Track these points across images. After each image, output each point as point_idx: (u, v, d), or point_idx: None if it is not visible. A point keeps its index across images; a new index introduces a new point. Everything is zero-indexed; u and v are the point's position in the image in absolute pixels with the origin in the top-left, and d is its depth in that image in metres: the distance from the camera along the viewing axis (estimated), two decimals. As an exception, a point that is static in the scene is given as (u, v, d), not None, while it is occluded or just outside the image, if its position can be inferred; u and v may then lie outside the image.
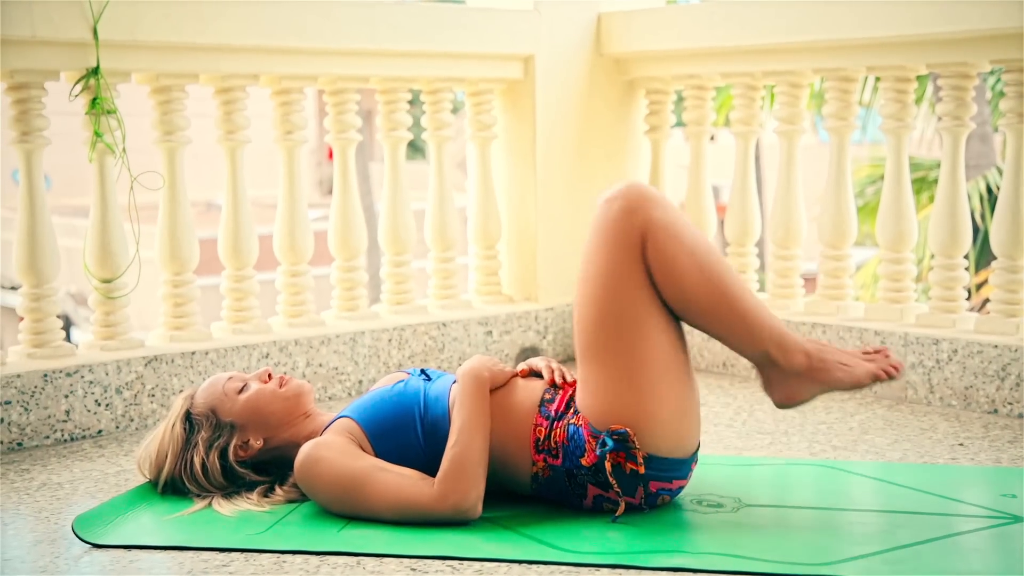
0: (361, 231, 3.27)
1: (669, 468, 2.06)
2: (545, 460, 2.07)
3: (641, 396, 2.02)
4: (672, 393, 2.04)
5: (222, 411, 2.19)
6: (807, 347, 2.06)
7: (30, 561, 1.97)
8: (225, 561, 1.93)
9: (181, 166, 2.99)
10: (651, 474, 2.05)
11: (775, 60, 3.25)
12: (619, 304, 2.03)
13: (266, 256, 3.18)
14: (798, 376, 2.06)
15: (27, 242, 2.77)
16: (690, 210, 3.56)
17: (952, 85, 2.99)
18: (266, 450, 2.20)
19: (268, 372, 2.25)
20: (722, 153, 9.32)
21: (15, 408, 2.67)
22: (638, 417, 2.02)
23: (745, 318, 2.05)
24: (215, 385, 2.23)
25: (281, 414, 2.20)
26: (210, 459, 2.16)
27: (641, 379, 2.02)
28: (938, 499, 2.18)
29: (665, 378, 2.04)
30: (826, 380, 2.06)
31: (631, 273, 2.03)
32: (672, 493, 2.11)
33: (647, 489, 2.06)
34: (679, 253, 2.02)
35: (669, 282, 2.03)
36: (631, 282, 2.03)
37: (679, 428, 2.06)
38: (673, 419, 2.05)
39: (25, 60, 2.70)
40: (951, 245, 3.02)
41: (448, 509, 2.01)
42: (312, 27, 3.05)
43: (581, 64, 3.55)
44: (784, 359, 2.06)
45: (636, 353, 2.02)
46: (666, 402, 2.04)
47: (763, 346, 2.06)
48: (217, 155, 3.07)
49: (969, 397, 2.89)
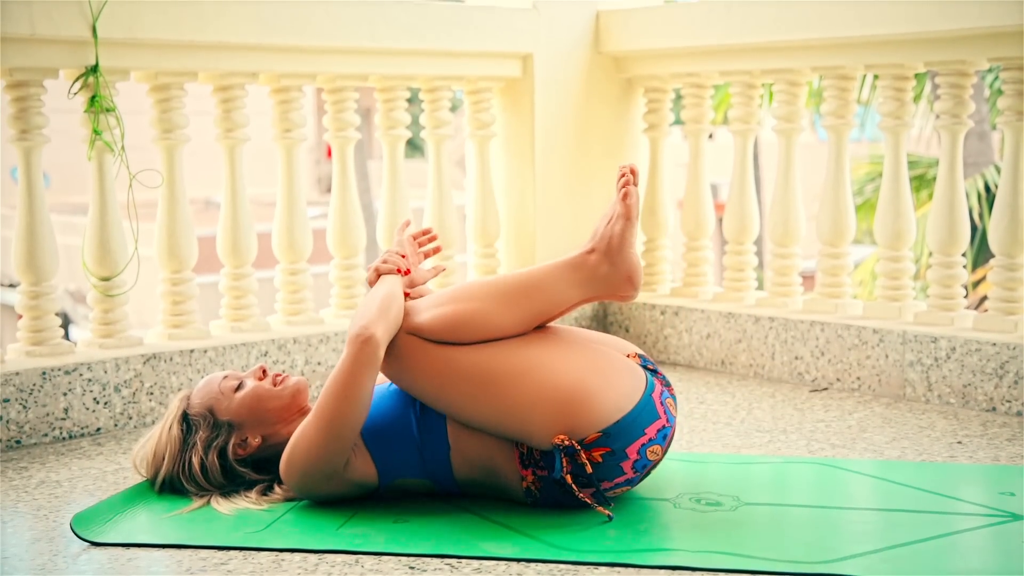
0: (360, 229, 3.27)
1: (630, 423, 2.03)
2: (533, 473, 2.07)
3: (541, 397, 2.01)
4: (564, 369, 2.03)
5: (219, 410, 2.19)
6: (590, 251, 2.11)
7: (28, 559, 1.97)
8: (223, 559, 1.93)
9: (180, 164, 2.99)
10: (619, 444, 2.02)
11: (773, 58, 3.26)
12: (450, 375, 2.05)
13: (265, 254, 3.18)
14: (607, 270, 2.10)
15: (26, 240, 2.77)
16: (688, 208, 3.56)
17: (950, 83, 2.99)
18: (265, 447, 2.20)
19: (263, 369, 2.25)
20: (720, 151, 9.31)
21: (14, 406, 2.67)
22: (560, 414, 2.00)
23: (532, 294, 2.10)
24: (211, 385, 2.22)
25: (278, 411, 2.20)
26: (209, 459, 2.16)
27: (526, 386, 2.02)
28: (936, 497, 2.19)
29: (545, 366, 2.03)
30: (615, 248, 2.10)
31: (427, 353, 2.06)
32: (657, 441, 2.07)
33: (630, 457, 2.04)
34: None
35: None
36: (431, 356, 2.06)
37: (604, 390, 2.02)
38: (588, 388, 2.02)
39: (24, 58, 2.70)
40: (949, 243, 3.02)
41: (356, 344, 2.00)
42: (311, 25, 3.05)
43: (580, 62, 3.55)
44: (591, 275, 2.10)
45: (501, 380, 2.03)
46: (566, 381, 2.01)
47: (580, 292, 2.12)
48: (216, 153, 3.07)
49: (967, 395, 2.89)
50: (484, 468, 2.10)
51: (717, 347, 3.39)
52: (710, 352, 3.41)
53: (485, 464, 2.10)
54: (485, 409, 2.04)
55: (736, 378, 3.29)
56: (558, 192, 3.55)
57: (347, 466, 2.09)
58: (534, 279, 2.11)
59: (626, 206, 2.09)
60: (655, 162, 3.63)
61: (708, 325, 3.41)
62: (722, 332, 3.38)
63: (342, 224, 3.25)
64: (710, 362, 3.41)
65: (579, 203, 3.58)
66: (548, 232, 3.54)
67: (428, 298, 2.14)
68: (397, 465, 2.11)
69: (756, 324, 3.29)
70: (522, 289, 2.10)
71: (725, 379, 3.29)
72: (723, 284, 3.52)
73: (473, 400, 2.04)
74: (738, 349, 3.34)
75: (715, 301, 3.48)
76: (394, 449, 2.10)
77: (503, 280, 2.13)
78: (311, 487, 2.10)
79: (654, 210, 3.62)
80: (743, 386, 3.19)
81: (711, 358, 3.41)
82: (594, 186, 3.62)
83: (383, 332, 2.02)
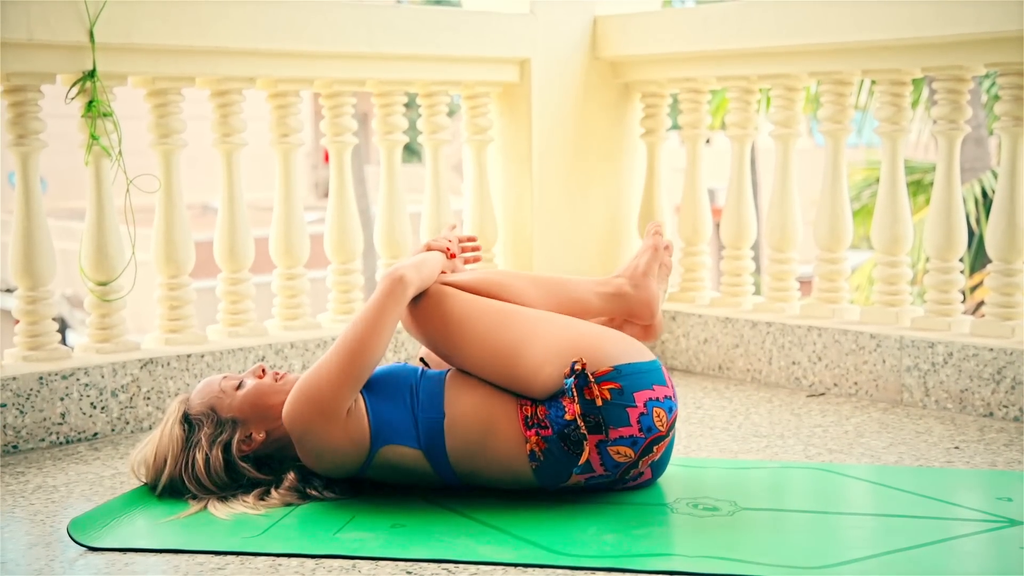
0: (357, 234, 3.27)
1: (641, 371, 2.11)
2: (537, 434, 2.10)
3: (557, 336, 2.14)
4: (580, 323, 2.20)
5: (221, 408, 2.20)
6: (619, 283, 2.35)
7: (25, 564, 1.96)
8: (220, 564, 1.93)
9: (177, 169, 2.99)
10: (628, 384, 2.09)
11: (771, 63, 3.26)
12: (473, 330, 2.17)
13: (262, 259, 3.17)
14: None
15: (23, 245, 2.77)
16: (686, 213, 3.57)
17: (947, 88, 2.99)
18: (268, 443, 2.21)
19: (262, 368, 2.27)
20: (718, 156, 9.33)
21: (10, 411, 2.66)
22: (575, 348, 2.11)
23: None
24: (210, 385, 2.24)
25: (280, 406, 2.20)
26: (213, 454, 2.17)
27: (544, 327, 2.16)
28: (934, 503, 2.19)
29: (563, 318, 2.20)
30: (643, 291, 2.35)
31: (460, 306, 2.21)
32: (663, 405, 2.11)
33: (636, 404, 2.08)
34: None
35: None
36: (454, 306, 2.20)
37: (617, 339, 2.17)
38: (603, 333, 2.18)
39: (21, 63, 2.70)
40: (946, 248, 3.02)
41: (389, 282, 2.14)
42: (308, 30, 3.05)
43: (577, 67, 3.55)
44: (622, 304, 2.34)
45: (518, 319, 2.17)
46: (582, 328, 2.18)
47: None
48: (213, 158, 3.07)
49: (965, 400, 2.89)
50: (480, 437, 2.12)
51: (714, 352, 3.39)
52: (707, 357, 3.41)
53: (481, 431, 2.12)
54: (495, 346, 2.14)
55: (733, 383, 3.29)
56: (555, 197, 3.55)
57: (346, 417, 2.11)
58: (564, 279, 2.34)
59: (655, 240, 2.38)
60: (652, 167, 3.64)
61: (705, 330, 3.41)
62: (719, 337, 3.38)
63: (339, 229, 3.25)
64: (707, 367, 3.41)
65: (576, 208, 3.58)
66: (545, 237, 3.54)
67: (462, 273, 2.33)
68: (391, 426, 2.13)
69: (753, 329, 3.29)
70: (553, 282, 2.31)
71: (722, 384, 3.29)
72: (720, 289, 3.53)
73: (485, 336, 2.15)
74: (735, 354, 3.34)
75: (712, 306, 3.48)
76: (390, 409, 2.13)
77: (537, 274, 2.41)
78: (311, 424, 2.11)
79: (651, 215, 3.62)
80: (740, 391, 3.19)
81: (708, 363, 3.41)
82: (591, 190, 3.62)
83: (416, 278, 2.16)
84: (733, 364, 3.34)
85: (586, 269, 3.59)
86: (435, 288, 2.21)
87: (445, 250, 2.34)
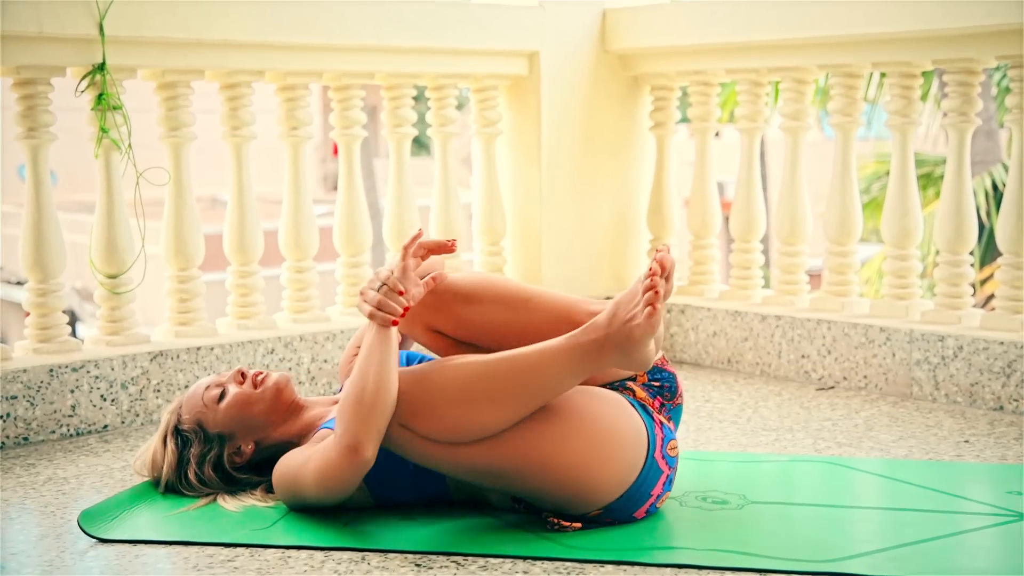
0: (366, 227, 3.27)
1: (633, 494, 2.00)
2: (526, 506, 2.05)
3: (542, 487, 1.96)
4: (563, 456, 1.94)
5: (207, 423, 2.17)
6: (599, 329, 1.91)
7: (36, 555, 1.97)
8: (230, 556, 1.94)
9: (187, 162, 2.99)
10: (624, 512, 2.00)
11: (780, 56, 3.25)
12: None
13: (271, 252, 3.18)
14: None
15: (33, 238, 2.78)
16: (694, 207, 3.56)
17: (958, 81, 2.98)
18: (260, 451, 2.19)
19: (241, 372, 2.22)
20: (727, 149, 9.30)
21: (21, 403, 2.67)
22: (561, 499, 1.96)
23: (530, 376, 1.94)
24: (195, 397, 2.20)
25: (264, 414, 2.18)
26: (205, 472, 2.16)
27: (527, 477, 1.95)
28: (943, 496, 2.18)
29: (543, 455, 1.94)
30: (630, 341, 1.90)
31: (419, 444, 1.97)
32: (665, 491, 2.05)
33: (638, 518, 2.02)
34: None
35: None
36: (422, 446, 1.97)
37: (606, 474, 1.95)
38: (589, 473, 1.94)
39: (31, 56, 2.70)
40: (957, 241, 3.01)
41: (344, 454, 1.92)
42: (317, 23, 3.05)
43: (586, 60, 3.55)
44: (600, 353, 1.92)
45: (503, 470, 1.95)
46: (566, 468, 1.94)
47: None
48: (222, 151, 3.07)
49: (975, 394, 2.89)
50: (480, 491, 2.09)
51: (723, 345, 3.38)
52: (716, 350, 3.40)
53: (480, 489, 2.09)
54: (487, 486, 2.04)
55: (742, 376, 3.29)
56: (564, 190, 3.55)
57: None
58: (536, 368, 1.93)
59: (650, 323, 1.87)
60: (661, 160, 3.63)
61: (714, 323, 3.41)
62: (728, 330, 3.37)
63: (348, 222, 3.25)
64: (716, 360, 3.41)
65: (585, 201, 3.58)
66: (554, 229, 3.53)
67: (421, 382, 1.97)
68: (391, 492, 2.10)
69: (763, 322, 3.29)
70: (521, 383, 1.93)
71: (731, 377, 3.28)
72: (729, 282, 3.52)
73: (474, 480, 2.02)
74: (744, 347, 3.33)
75: (721, 299, 3.48)
76: (389, 480, 2.09)
77: (502, 368, 1.94)
78: (302, 507, 2.10)
79: (660, 208, 3.61)
80: (749, 384, 3.19)
81: (717, 356, 3.40)
82: (600, 183, 3.62)
83: (374, 445, 1.93)
84: (742, 357, 3.34)
85: (594, 261, 3.59)
86: (399, 436, 1.96)
87: (394, 323, 1.98)
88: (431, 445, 1.96)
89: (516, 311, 2.07)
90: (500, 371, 1.94)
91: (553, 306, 2.08)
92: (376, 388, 1.93)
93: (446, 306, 2.07)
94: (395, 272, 1.99)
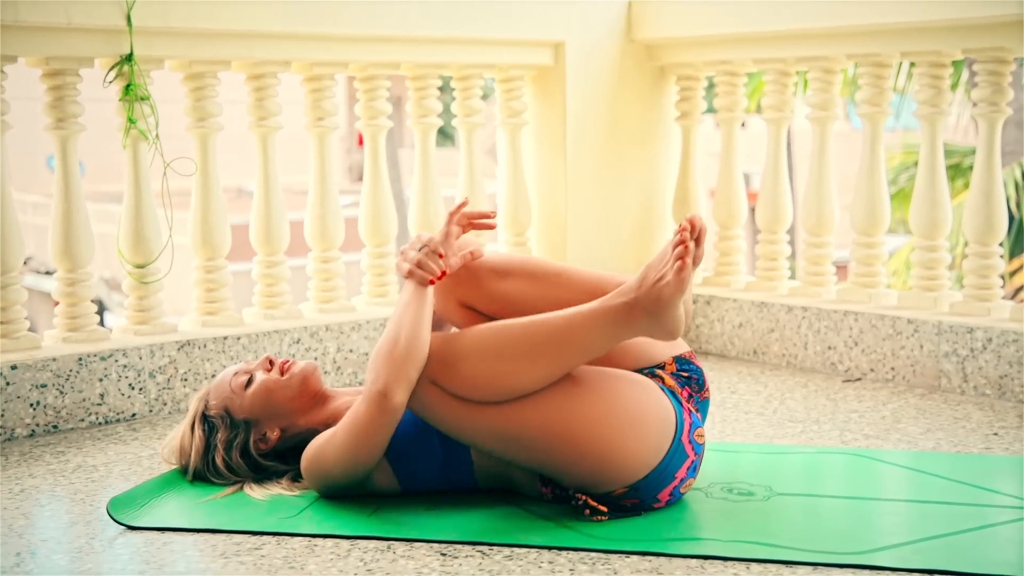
0: (391, 217, 3.27)
1: (659, 475, 2.00)
2: (553, 491, 2.06)
3: (567, 460, 1.96)
4: (591, 428, 1.95)
5: (234, 409, 2.19)
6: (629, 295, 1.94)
7: (65, 542, 1.99)
8: (257, 544, 1.95)
9: (213, 152, 3.00)
10: (649, 493, 2.00)
11: (808, 46, 3.23)
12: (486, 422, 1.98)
13: (297, 242, 3.19)
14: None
15: (62, 228, 2.80)
16: (721, 197, 3.55)
17: (988, 70, 2.95)
18: (286, 439, 2.21)
19: (269, 359, 2.24)
20: (753, 140, 9.25)
21: (51, 391, 2.70)
22: (587, 475, 1.96)
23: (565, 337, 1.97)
24: (223, 383, 2.22)
25: (290, 401, 2.20)
26: (232, 458, 2.18)
27: (552, 448, 1.96)
28: (971, 489, 2.17)
29: (571, 427, 1.95)
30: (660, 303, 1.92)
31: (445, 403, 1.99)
32: (689, 476, 2.05)
33: (661, 501, 2.03)
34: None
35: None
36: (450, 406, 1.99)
37: (633, 450, 1.96)
38: (616, 449, 1.95)
39: (60, 47, 2.72)
40: (986, 232, 2.99)
41: (374, 399, 1.94)
42: (343, 14, 3.05)
43: (612, 50, 3.54)
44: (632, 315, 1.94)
45: (529, 442, 1.96)
46: (593, 441, 1.95)
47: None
48: (249, 141, 3.08)
49: (1004, 386, 2.86)
50: (507, 475, 2.10)
51: (749, 336, 3.37)
52: (742, 341, 3.39)
53: (507, 476, 2.10)
54: (511, 458, 2.04)
55: (768, 368, 3.28)
56: (590, 180, 3.54)
57: (368, 478, 2.09)
58: (566, 329, 1.96)
59: (681, 278, 1.89)
60: (687, 151, 3.62)
61: (740, 314, 3.39)
62: (754, 321, 3.36)
63: (374, 212, 3.25)
64: (742, 352, 3.40)
65: (610, 191, 3.57)
66: (579, 220, 3.53)
67: (452, 340, 2.01)
68: (419, 478, 2.11)
69: (789, 314, 3.27)
70: (552, 342, 1.96)
71: (757, 369, 3.27)
72: (756, 273, 3.51)
73: (499, 449, 2.02)
74: (771, 339, 3.32)
75: (747, 290, 3.47)
76: (416, 465, 2.10)
77: (533, 329, 1.98)
78: (331, 492, 2.11)
79: (686, 199, 3.60)
80: (775, 376, 3.17)
81: (743, 347, 3.39)
82: (626, 174, 3.61)
83: (404, 391, 1.96)
84: (768, 349, 3.33)
85: (620, 253, 3.58)
86: (427, 394, 1.99)
87: (431, 282, 2.04)
88: (459, 407, 1.98)
89: (548, 286, 2.11)
90: (532, 330, 1.98)
91: (584, 281, 2.11)
92: (409, 339, 1.97)
93: (480, 280, 2.12)
94: (437, 236, 2.07)
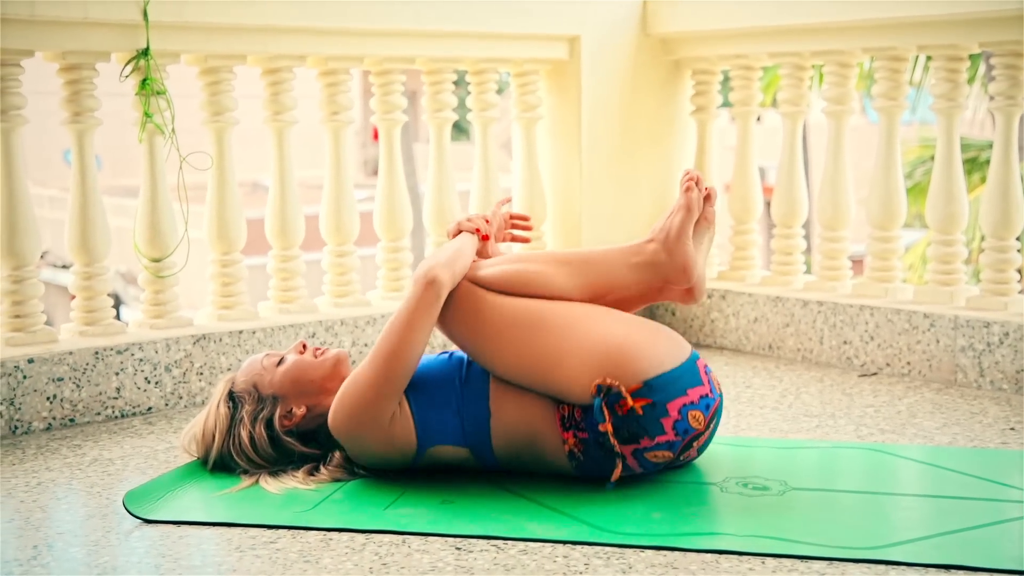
0: (406, 212, 3.28)
1: (673, 379, 2.06)
2: (575, 435, 2.09)
3: (585, 347, 2.08)
4: (611, 325, 2.12)
5: (262, 385, 2.23)
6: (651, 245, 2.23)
7: (82, 535, 2.00)
8: (272, 538, 1.96)
9: (229, 147, 3.01)
10: (661, 397, 2.05)
11: (824, 39, 3.21)
12: (501, 321, 2.13)
13: (312, 236, 3.20)
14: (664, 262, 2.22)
15: (79, 222, 2.81)
16: (736, 191, 3.54)
17: (1005, 64, 2.93)
18: (310, 418, 2.23)
19: (303, 344, 2.30)
20: (769, 134, 9.23)
21: (67, 385, 2.71)
22: (603, 363, 2.06)
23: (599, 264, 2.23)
24: (253, 363, 2.28)
25: (321, 381, 2.23)
26: (256, 431, 2.20)
27: (572, 335, 2.09)
28: (987, 484, 2.16)
29: (592, 320, 2.12)
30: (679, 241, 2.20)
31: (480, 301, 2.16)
32: (699, 406, 2.08)
33: (670, 414, 2.05)
34: None
35: None
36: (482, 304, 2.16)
37: (648, 346, 2.09)
38: (633, 341, 2.09)
39: (77, 41, 2.73)
40: (1003, 227, 2.97)
41: (422, 285, 2.10)
42: (358, 8, 3.05)
43: (627, 45, 3.53)
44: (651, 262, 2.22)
45: (550, 326, 2.10)
46: (612, 334, 2.09)
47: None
48: (264, 136, 3.09)
49: (1021, 381, 2.85)
50: (524, 436, 2.12)
51: (764, 331, 3.36)
52: (757, 336, 3.38)
53: (525, 431, 2.12)
54: (529, 357, 2.09)
55: (784, 362, 3.27)
56: (604, 175, 3.54)
57: (390, 422, 2.12)
58: (596, 254, 2.24)
59: (687, 198, 2.20)
60: (703, 145, 3.61)
61: (755, 309, 3.39)
62: (770, 316, 3.35)
63: (389, 207, 3.26)
64: (757, 346, 3.39)
65: (625, 186, 3.56)
66: (594, 215, 3.53)
67: (493, 259, 2.26)
68: (437, 429, 2.13)
69: (804, 308, 3.27)
70: (584, 261, 2.22)
71: (772, 363, 3.26)
72: (771, 268, 3.50)
73: (519, 346, 2.10)
74: (786, 333, 3.31)
75: (763, 285, 3.46)
76: (436, 412, 2.13)
77: (567, 251, 2.28)
78: (355, 431, 2.13)
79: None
80: (791, 370, 3.17)
81: (758, 342, 3.38)
82: (641, 168, 3.60)
83: (448, 277, 2.12)
84: (783, 343, 3.32)
85: (635, 247, 3.57)
86: (464, 291, 2.15)
87: (476, 231, 2.29)
88: (489, 301, 2.13)
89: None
90: (569, 251, 2.27)
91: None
92: (456, 253, 2.18)
93: None
94: (488, 212, 2.43)
